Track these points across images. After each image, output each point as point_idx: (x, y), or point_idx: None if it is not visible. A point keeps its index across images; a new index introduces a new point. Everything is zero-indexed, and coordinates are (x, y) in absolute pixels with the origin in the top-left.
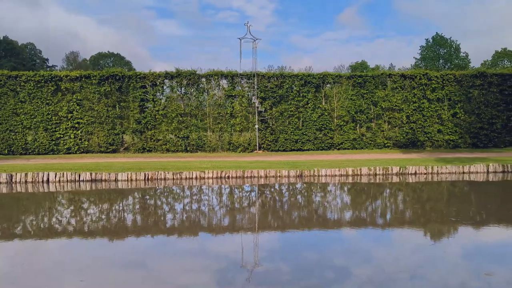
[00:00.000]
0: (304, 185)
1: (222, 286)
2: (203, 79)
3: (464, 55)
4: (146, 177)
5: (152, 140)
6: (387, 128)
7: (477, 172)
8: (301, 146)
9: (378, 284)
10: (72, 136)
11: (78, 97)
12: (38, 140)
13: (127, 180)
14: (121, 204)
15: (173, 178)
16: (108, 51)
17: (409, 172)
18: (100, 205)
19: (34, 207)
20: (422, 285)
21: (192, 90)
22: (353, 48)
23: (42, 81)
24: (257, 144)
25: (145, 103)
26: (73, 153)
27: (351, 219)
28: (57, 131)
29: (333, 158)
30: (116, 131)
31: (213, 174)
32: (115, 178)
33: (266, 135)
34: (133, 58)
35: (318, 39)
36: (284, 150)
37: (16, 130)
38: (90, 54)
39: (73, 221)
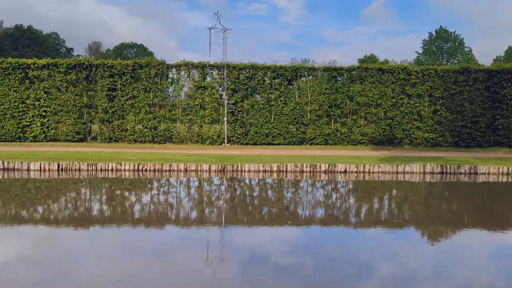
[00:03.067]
0: (210, 180)
1: None
2: (173, 70)
3: (468, 50)
4: (60, 167)
5: (120, 130)
6: (363, 124)
7: (412, 172)
8: (272, 140)
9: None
10: (38, 124)
11: (46, 85)
12: (4, 127)
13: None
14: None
15: (88, 169)
16: (131, 42)
17: (338, 170)
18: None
19: None
20: None
21: (161, 80)
22: (383, 43)
23: (10, 68)
24: (226, 137)
25: (113, 93)
26: (39, 141)
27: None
28: (24, 119)
29: (296, 153)
30: (83, 120)
31: (129, 167)
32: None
33: (236, 128)
34: (161, 49)
35: (347, 33)
36: (254, 144)
37: None
38: (116, 44)
39: None
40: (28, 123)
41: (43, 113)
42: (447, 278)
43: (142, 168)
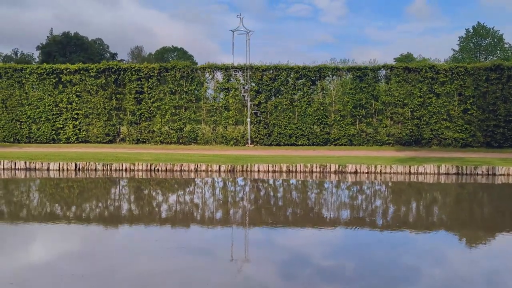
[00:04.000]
0: (219, 180)
1: None
2: (198, 72)
3: (507, 46)
4: (77, 167)
5: (147, 132)
6: (389, 124)
7: (426, 173)
8: (295, 141)
9: None
10: (71, 126)
11: (78, 89)
12: (40, 129)
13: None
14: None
15: (103, 169)
16: (172, 46)
17: (349, 171)
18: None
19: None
20: None
21: (187, 83)
22: (428, 40)
23: (44, 74)
24: (249, 138)
25: (140, 95)
26: (72, 142)
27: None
28: (57, 121)
29: (317, 154)
30: (112, 122)
31: (142, 167)
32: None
33: (260, 129)
34: (202, 53)
35: (390, 32)
36: (277, 145)
37: (21, 120)
38: (157, 49)
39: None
40: (62, 126)
41: (75, 116)
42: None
43: (154, 168)
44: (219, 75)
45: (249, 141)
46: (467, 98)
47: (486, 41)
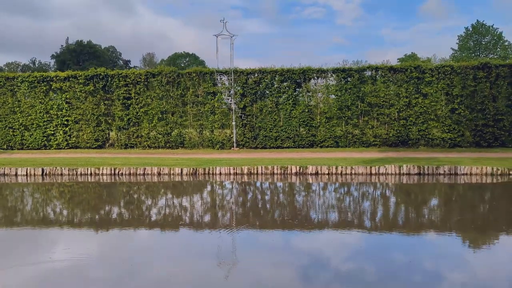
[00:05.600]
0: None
1: None
2: (184, 77)
3: (507, 44)
4: (44, 172)
5: (135, 137)
6: (375, 125)
7: (387, 174)
8: (281, 143)
9: None
10: (61, 132)
11: (67, 96)
12: (32, 136)
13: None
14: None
15: (68, 174)
16: (184, 51)
17: (310, 172)
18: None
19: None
20: None
21: (173, 88)
22: (449, 40)
23: (35, 82)
24: (234, 141)
25: (128, 101)
26: (62, 148)
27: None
28: (48, 128)
29: (298, 156)
30: (101, 128)
31: (106, 171)
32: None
33: (245, 132)
34: (216, 58)
35: (407, 32)
36: (263, 147)
37: (14, 127)
38: (169, 55)
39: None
40: (52, 132)
41: (65, 122)
42: None
43: (118, 172)
44: (204, 80)
45: (234, 145)
46: (454, 97)
47: (486, 39)
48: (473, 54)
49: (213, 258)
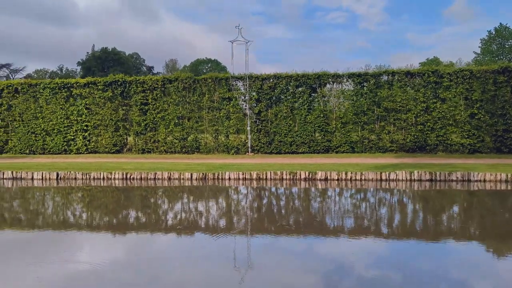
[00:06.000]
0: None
1: None
2: (200, 83)
3: None
4: (58, 176)
5: (152, 142)
6: (392, 131)
7: (398, 180)
8: (296, 148)
9: None
10: (81, 137)
11: (87, 102)
12: (53, 141)
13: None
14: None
15: (82, 178)
16: (206, 58)
17: (319, 178)
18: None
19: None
20: None
21: (189, 93)
22: (476, 44)
23: (57, 88)
24: (249, 146)
25: (145, 107)
26: (82, 153)
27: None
28: (68, 133)
29: (311, 162)
30: (119, 133)
31: (119, 175)
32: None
33: (260, 137)
34: (238, 63)
35: (432, 35)
36: (278, 153)
37: (36, 132)
38: (192, 61)
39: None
40: (72, 137)
41: (85, 128)
42: None
43: (130, 176)
44: (220, 85)
45: (249, 150)
46: (474, 102)
47: (510, 43)
48: (496, 58)
49: (202, 261)
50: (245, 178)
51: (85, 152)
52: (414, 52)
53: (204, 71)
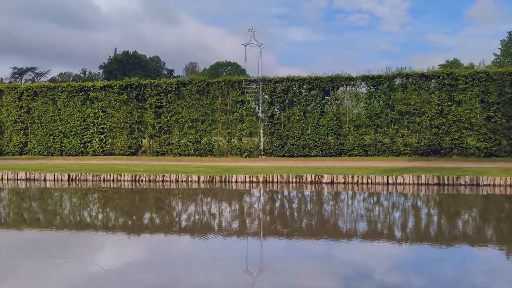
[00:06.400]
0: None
1: None
2: (213, 86)
3: None
4: (70, 178)
5: (166, 144)
6: (406, 134)
7: (405, 184)
8: (308, 152)
9: None
10: (97, 140)
11: (103, 105)
12: (70, 143)
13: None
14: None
15: (92, 180)
16: (225, 60)
17: (325, 181)
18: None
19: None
20: None
21: (203, 96)
22: (495, 44)
23: (74, 91)
24: (262, 149)
25: (159, 109)
26: (98, 155)
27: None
28: (85, 135)
29: (323, 165)
30: (134, 136)
31: (128, 177)
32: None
33: (273, 140)
34: (255, 66)
35: (457, 37)
36: (291, 156)
37: (54, 135)
38: (211, 64)
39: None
40: (89, 139)
41: (101, 130)
42: None
43: (139, 178)
44: (233, 88)
45: (262, 153)
46: (490, 105)
47: None
48: None
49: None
50: (252, 181)
51: (101, 154)
52: (436, 54)
53: (224, 74)
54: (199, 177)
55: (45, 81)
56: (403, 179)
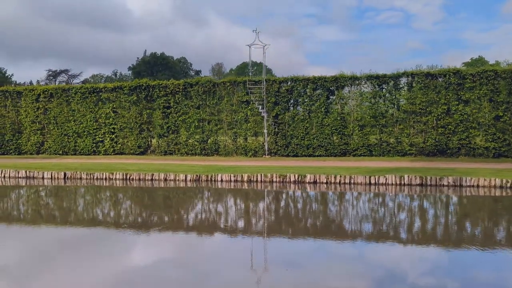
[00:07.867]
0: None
1: None
2: (219, 86)
3: None
4: (66, 176)
5: (173, 144)
6: (411, 133)
7: (387, 184)
8: (313, 151)
9: None
10: (108, 140)
11: (114, 106)
12: (84, 143)
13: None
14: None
15: (86, 178)
16: (252, 60)
17: (308, 181)
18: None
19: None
20: None
21: (209, 97)
22: None
23: (87, 93)
24: (266, 149)
25: (167, 110)
26: (109, 154)
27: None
28: (97, 135)
29: (324, 165)
30: (143, 135)
31: (119, 176)
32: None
33: (277, 140)
34: (288, 66)
35: (494, 33)
36: (295, 155)
37: (68, 134)
38: (238, 64)
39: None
40: (101, 139)
41: (112, 130)
42: None
43: (129, 177)
44: (238, 89)
45: (266, 152)
46: (499, 104)
47: None
48: None
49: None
50: (236, 180)
51: (112, 154)
52: (470, 51)
53: (250, 74)
54: (186, 176)
55: (78, 83)
56: (386, 179)
